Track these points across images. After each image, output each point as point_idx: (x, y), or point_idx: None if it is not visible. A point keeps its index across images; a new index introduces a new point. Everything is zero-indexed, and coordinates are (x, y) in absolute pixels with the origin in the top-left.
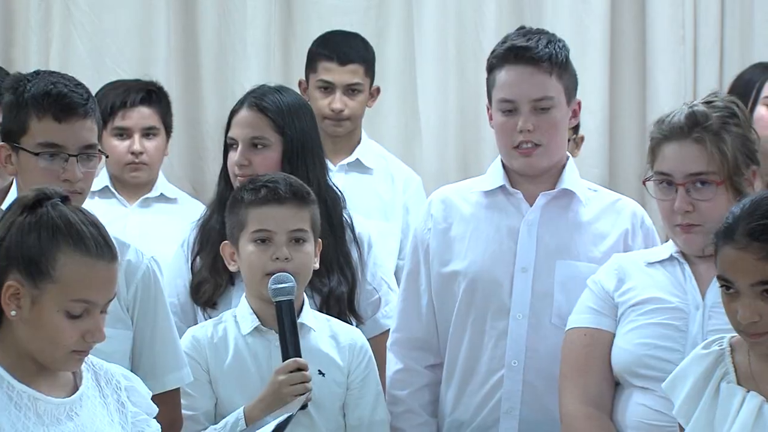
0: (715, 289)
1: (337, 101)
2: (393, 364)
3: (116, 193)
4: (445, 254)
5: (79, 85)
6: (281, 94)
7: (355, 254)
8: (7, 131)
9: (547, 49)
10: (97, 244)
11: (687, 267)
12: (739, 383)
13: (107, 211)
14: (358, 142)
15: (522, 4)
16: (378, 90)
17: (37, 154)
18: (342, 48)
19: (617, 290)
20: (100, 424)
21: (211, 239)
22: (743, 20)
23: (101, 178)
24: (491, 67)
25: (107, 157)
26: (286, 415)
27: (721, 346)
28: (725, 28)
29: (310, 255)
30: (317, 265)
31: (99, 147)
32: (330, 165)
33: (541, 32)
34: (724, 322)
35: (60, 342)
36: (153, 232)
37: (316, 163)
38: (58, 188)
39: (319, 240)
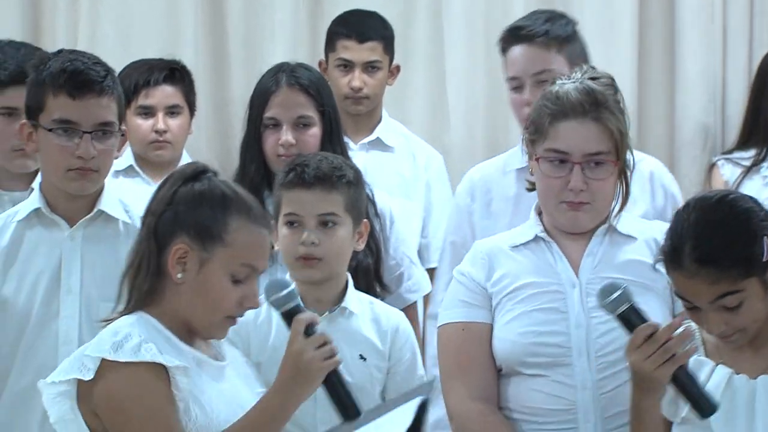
0: (587, 266)
1: (357, 79)
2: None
3: (141, 172)
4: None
5: (98, 63)
6: (311, 71)
7: (377, 227)
8: (28, 108)
9: (543, 26)
10: (260, 213)
11: (555, 246)
12: (707, 357)
13: (132, 189)
14: (379, 121)
15: None
16: (398, 68)
17: (50, 130)
18: (360, 26)
19: (488, 280)
20: (243, 389)
21: None
22: None
23: (126, 158)
24: (501, 51)
25: (123, 135)
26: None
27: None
28: (754, 6)
29: (343, 239)
30: (361, 246)
31: (120, 125)
32: (351, 144)
33: (543, 12)
34: None
35: (220, 306)
36: None
37: (343, 139)
38: (203, 164)
39: (365, 221)
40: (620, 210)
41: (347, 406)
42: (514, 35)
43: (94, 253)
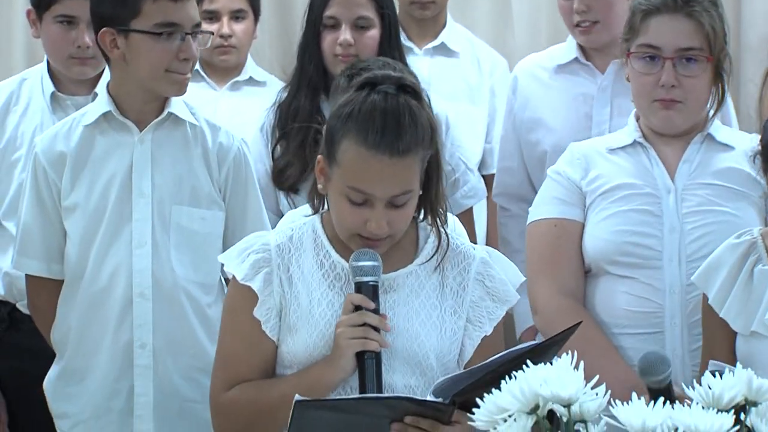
0: (684, 172)
1: None
2: None
3: (206, 76)
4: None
5: None
6: None
7: None
8: (113, 16)
9: None
10: (381, 137)
11: (652, 151)
12: None
13: (197, 94)
14: (444, 26)
15: None
16: None
17: (159, 34)
18: None
19: (584, 179)
20: (419, 304)
21: (297, 121)
22: None
23: None
24: None
25: (212, 34)
26: None
27: (753, 235)
28: None
29: None
30: None
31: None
32: (415, 49)
33: None
34: (697, 203)
35: (342, 223)
36: (242, 115)
37: (401, 44)
38: (394, 75)
39: None
40: (716, 113)
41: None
42: None
43: (164, 155)
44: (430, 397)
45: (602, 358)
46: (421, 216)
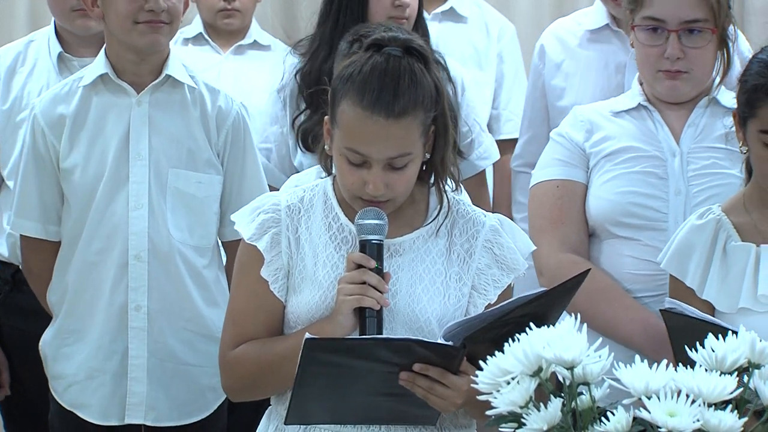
0: (689, 136)
1: None
2: None
3: (210, 40)
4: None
5: None
6: None
7: (450, 93)
8: None
9: None
10: (378, 98)
11: (657, 115)
12: (744, 241)
13: (201, 58)
14: None
15: None
16: None
17: None
18: None
19: (587, 141)
20: (424, 269)
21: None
22: None
23: (195, 26)
24: None
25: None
26: None
27: (715, 213)
28: None
29: None
30: None
31: None
32: (425, 14)
33: None
34: (702, 166)
35: (344, 183)
36: (247, 79)
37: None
38: (401, 37)
39: None
40: (721, 81)
41: None
42: None
43: (162, 118)
44: (440, 341)
45: (622, 307)
46: (432, 181)
